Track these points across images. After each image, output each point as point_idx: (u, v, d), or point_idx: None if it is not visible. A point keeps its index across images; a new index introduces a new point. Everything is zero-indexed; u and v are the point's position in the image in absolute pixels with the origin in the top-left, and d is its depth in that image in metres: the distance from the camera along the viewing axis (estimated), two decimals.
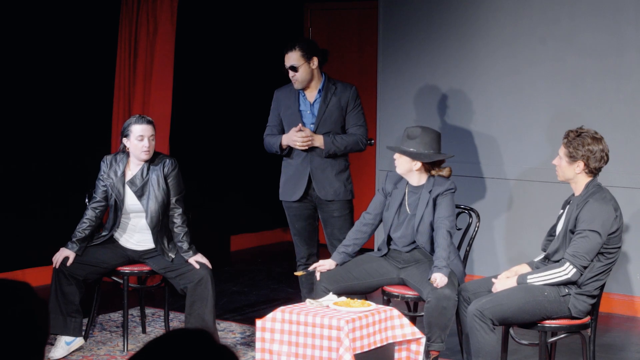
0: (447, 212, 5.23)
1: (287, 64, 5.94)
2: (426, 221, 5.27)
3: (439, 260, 5.08)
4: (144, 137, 5.61)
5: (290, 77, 5.96)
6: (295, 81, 5.96)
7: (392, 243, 5.45)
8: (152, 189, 5.66)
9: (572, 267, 4.72)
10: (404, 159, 5.30)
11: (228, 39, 8.89)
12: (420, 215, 5.29)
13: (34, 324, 2.07)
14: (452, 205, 5.27)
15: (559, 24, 7.02)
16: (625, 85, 6.80)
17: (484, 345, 4.76)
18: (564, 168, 4.87)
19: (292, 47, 5.94)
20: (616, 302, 6.86)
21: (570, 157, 4.82)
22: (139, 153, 5.63)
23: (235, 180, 9.15)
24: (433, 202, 5.28)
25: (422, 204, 5.29)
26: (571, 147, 4.81)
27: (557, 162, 4.92)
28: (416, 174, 5.32)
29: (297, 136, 5.90)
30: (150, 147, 5.63)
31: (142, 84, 7.28)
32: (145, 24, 7.23)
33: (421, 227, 5.28)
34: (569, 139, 4.85)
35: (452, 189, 5.28)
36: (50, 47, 7.33)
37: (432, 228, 5.26)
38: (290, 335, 4.70)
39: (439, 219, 5.21)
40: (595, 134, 4.84)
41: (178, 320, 6.29)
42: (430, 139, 5.27)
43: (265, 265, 8.51)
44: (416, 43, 7.63)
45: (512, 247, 7.30)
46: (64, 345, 5.58)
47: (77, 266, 5.58)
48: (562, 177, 4.92)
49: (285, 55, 5.95)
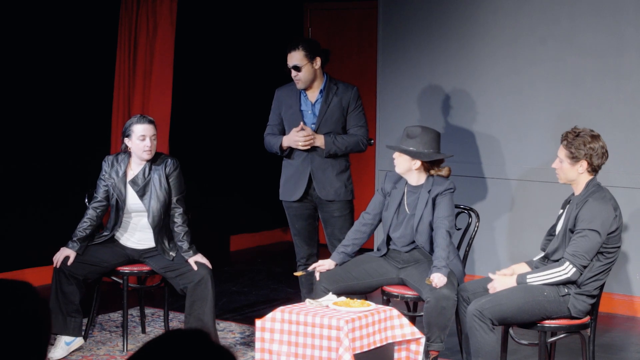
0: (447, 212, 5.23)
1: (290, 64, 5.93)
2: (425, 221, 5.27)
3: (438, 260, 5.08)
4: (145, 137, 5.61)
5: (293, 77, 5.95)
6: (298, 81, 5.94)
7: (392, 243, 5.44)
8: (154, 189, 5.66)
9: (572, 266, 4.72)
10: (404, 158, 5.30)
11: (228, 39, 8.89)
12: (420, 215, 5.28)
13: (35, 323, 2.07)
14: (451, 205, 5.27)
15: (558, 24, 7.02)
16: (625, 85, 6.80)
17: (483, 345, 4.76)
18: (566, 170, 4.86)
19: (295, 47, 5.92)
20: (616, 302, 6.86)
21: (573, 157, 4.81)
22: (141, 153, 5.64)
23: (235, 180, 9.15)
24: (432, 201, 5.28)
25: (422, 203, 5.29)
26: (572, 148, 4.81)
27: (557, 165, 4.90)
28: (415, 173, 5.32)
29: (298, 136, 5.89)
30: (152, 147, 5.63)
31: (142, 84, 7.28)
32: (145, 23, 7.23)
33: (420, 226, 5.28)
34: (568, 140, 4.84)
35: (451, 188, 5.28)
36: (50, 46, 7.33)
37: (431, 228, 5.26)
38: (289, 335, 4.70)
39: (439, 219, 5.21)
40: (592, 132, 4.85)
41: (178, 320, 6.29)
42: (430, 138, 5.27)
43: (265, 265, 8.51)
44: (416, 43, 7.63)
45: (512, 247, 7.30)
46: (63, 345, 5.58)
47: (77, 265, 5.58)
48: (564, 179, 4.91)
49: (287, 54, 5.93)
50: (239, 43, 9.00)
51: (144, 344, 1.90)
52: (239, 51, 9.01)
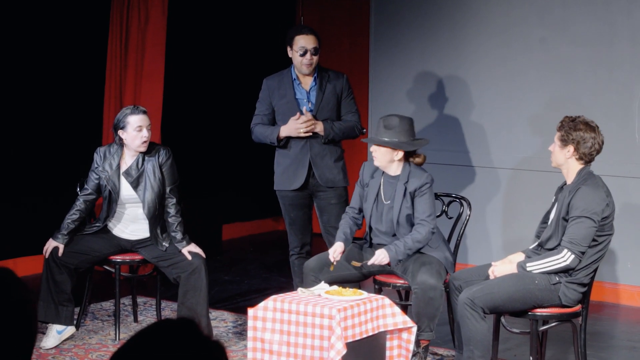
0: (428, 210, 5.21)
1: (308, 46, 5.89)
2: (404, 213, 5.25)
3: (397, 244, 5.09)
4: (142, 128, 5.57)
5: (306, 61, 5.91)
6: (310, 65, 5.93)
7: (374, 234, 5.42)
8: (148, 180, 5.64)
9: (570, 253, 4.73)
10: (384, 151, 5.25)
11: (220, 30, 8.87)
12: (398, 208, 5.26)
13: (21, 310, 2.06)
14: (432, 201, 5.25)
15: (551, 12, 7.02)
16: (617, 74, 6.80)
17: (475, 333, 4.77)
18: (556, 152, 4.90)
19: (310, 31, 5.94)
20: (607, 290, 6.88)
21: (562, 140, 4.85)
22: (138, 144, 5.59)
23: (226, 169, 9.14)
24: (410, 195, 5.25)
25: (399, 196, 5.26)
26: (563, 131, 4.85)
27: (552, 148, 4.94)
28: (396, 164, 5.30)
29: (298, 123, 5.88)
30: (148, 137, 5.61)
31: (134, 74, 7.26)
32: (137, 14, 7.21)
33: (400, 219, 5.26)
34: (563, 123, 4.88)
35: (428, 183, 5.25)
36: (41, 37, 7.29)
37: (410, 222, 5.25)
38: (282, 324, 4.70)
39: (422, 220, 5.19)
40: (590, 122, 4.86)
41: (170, 309, 6.29)
42: (408, 127, 5.26)
43: (257, 255, 8.51)
44: (408, 32, 7.63)
45: (505, 235, 7.31)
46: (55, 334, 5.58)
47: (69, 255, 5.58)
48: (555, 162, 4.94)
49: (302, 36, 5.89)
50: (231, 33, 8.97)
51: (132, 335, 1.90)
52: (231, 41, 8.98)
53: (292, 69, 6.06)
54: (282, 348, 4.68)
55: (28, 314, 2.07)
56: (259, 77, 6.31)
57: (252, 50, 9.11)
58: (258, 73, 6.74)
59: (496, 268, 4.92)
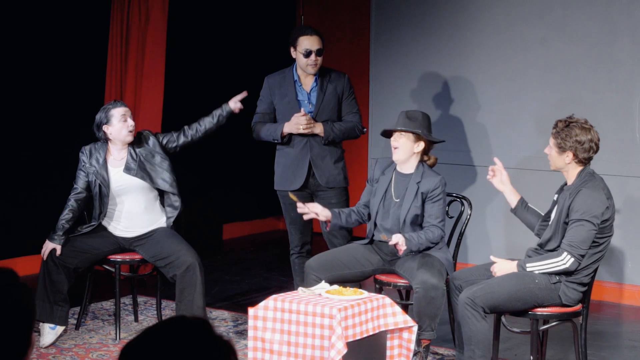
0: (441, 216, 5.26)
1: (312, 47, 5.89)
2: (412, 213, 5.25)
3: (412, 235, 5.09)
4: (126, 117, 5.65)
5: (311, 62, 5.91)
6: (315, 65, 5.92)
7: (377, 232, 5.41)
8: (154, 163, 5.68)
9: (569, 256, 4.72)
10: (406, 140, 5.26)
11: (220, 29, 8.86)
12: (408, 207, 5.26)
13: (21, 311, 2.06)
14: (444, 207, 5.31)
15: (551, 11, 7.01)
16: (617, 73, 6.80)
17: (475, 333, 4.77)
18: (554, 158, 4.88)
19: (314, 32, 5.93)
20: (608, 290, 6.87)
21: (559, 147, 4.82)
22: (125, 134, 5.65)
23: (227, 168, 9.13)
24: (422, 196, 5.25)
25: (410, 195, 5.26)
26: (559, 138, 4.81)
27: (548, 151, 4.92)
28: (412, 159, 5.29)
29: (299, 118, 5.88)
30: (134, 126, 5.66)
31: (134, 73, 7.26)
32: (137, 14, 7.20)
33: (407, 218, 5.26)
34: (557, 129, 4.84)
35: (442, 186, 5.25)
36: (41, 35, 7.29)
37: (418, 222, 5.25)
38: (282, 323, 4.70)
39: (432, 225, 5.21)
40: (585, 124, 4.82)
41: (170, 309, 6.29)
42: (428, 123, 5.31)
43: (258, 254, 8.51)
44: (409, 31, 7.62)
45: (505, 235, 7.31)
46: (49, 330, 5.57)
47: (69, 254, 5.58)
48: (554, 166, 4.93)
49: (306, 37, 5.89)
50: (231, 32, 8.97)
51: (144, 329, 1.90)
52: (231, 40, 8.98)
53: (294, 69, 6.05)
54: (283, 347, 4.68)
55: (25, 314, 2.07)
56: (259, 76, 6.31)
57: (252, 50, 9.10)
58: (258, 72, 6.74)
59: (497, 265, 4.91)
